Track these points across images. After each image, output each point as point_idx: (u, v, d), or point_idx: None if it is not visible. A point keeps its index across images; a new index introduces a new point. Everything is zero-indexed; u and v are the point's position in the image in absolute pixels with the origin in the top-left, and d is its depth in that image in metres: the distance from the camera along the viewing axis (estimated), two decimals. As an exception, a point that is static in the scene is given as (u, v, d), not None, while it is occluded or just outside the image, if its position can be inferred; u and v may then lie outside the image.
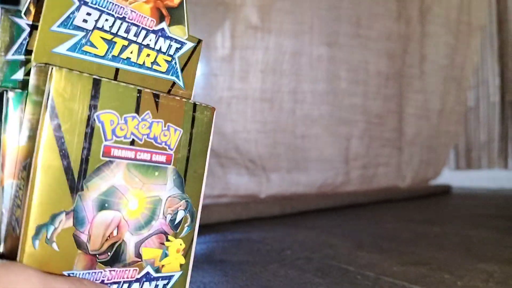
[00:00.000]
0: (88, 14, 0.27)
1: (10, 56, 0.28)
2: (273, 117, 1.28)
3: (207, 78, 1.21)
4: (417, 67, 1.65)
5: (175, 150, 0.30)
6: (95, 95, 0.26)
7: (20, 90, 0.26)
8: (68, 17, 0.26)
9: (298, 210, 1.25)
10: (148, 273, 0.30)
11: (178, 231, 0.31)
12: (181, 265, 0.32)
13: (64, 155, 0.25)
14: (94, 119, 0.26)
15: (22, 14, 0.28)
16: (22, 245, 0.24)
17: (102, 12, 0.27)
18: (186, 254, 0.32)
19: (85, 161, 0.26)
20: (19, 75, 0.28)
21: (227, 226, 1.02)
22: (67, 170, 0.25)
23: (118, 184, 0.27)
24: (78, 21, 0.27)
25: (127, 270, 0.29)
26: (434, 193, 1.87)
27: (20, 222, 0.24)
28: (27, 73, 0.28)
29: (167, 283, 0.31)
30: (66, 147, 0.25)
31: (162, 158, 0.30)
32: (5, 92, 0.26)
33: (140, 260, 0.29)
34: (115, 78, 0.29)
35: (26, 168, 0.25)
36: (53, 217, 0.25)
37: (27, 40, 0.28)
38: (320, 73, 1.34)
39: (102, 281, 0.28)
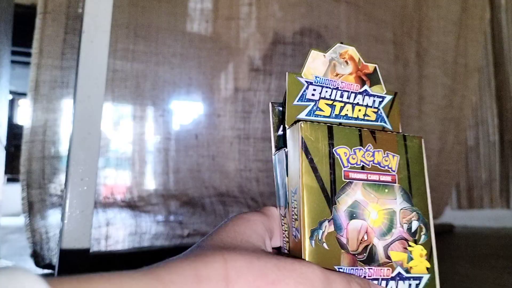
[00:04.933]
0: (314, 90, 0.39)
1: (279, 132, 0.41)
2: (275, 156, 1.30)
3: (211, 118, 1.25)
4: (416, 108, 1.68)
5: (397, 172, 0.38)
6: (330, 137, 0.36)
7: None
8: (302, 94, 0.39)
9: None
10: (399, 273, 0.36)
11: (416, 238, 0.37)
12: (427, 269, 0.37)
13: (318, 179, 0.35)
14: (333, 153, 0.36)
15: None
16: (303, 245, 0.33)
17: (322, 87, 0.39)
18: (429, 259, 0.37)
19: (333, 182, 0.35)
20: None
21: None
22: (323, 189, 0.35)
23: (359, 199, 0.36)
24: (308, 96, 0.39)
25: (381, 269, 0.35)
26: (437, 232, 1.86)
27: (299, 230, 0.34)
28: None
29: (418, 284, 0.37)
30: (319, 173, 0.35)
31: (388, 178, 0.37)
32: (283, 149, 0.37)
33: (390, 261, 0.36)
34: None
35: (296, 192, 0.35)
36: (320, 223, 0.34)
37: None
38: (321, 113, 1.37)
39: (364, 277, 0.34)
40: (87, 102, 0.76)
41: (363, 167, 0.37)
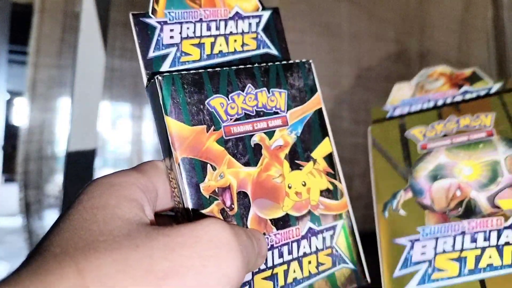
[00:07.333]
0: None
1: (151, 54, 0.29)
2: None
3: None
4: (417, 107, 1.67)
5: (494, 126, 0.34)
6: (403, 125, 0.36)
7: (168, 73, 0.27)
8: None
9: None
10: None
11: None
12: None
13: (388, 159, 0.35)
14: (405, 136, 0.36)
15: (150, 14, 0.30)
16: (376, 219, 0.33)
17: (410, 105, 0.40)
18: None
19: (407, 157, 0.35)
20: (165, 67, 0.29)
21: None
22: (395, 166, 0.35)
23: (443, 162, 0.33)
24: (397, 113, 0.38)
25: (488, 220, 0.31)
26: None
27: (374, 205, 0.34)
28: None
29: None
30: (390, 154, 0.35)
31: (482, 135, 0.34)
32: (156, 78, 0.27)
33: (500, 210, 0.31)
34: None
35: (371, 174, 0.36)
36: (394, 194, 0.33)
37: (161, 36, 0.30)
38: (322, 113, 1.36)
39: (463, 232, 0.30)
40: (85, 101, 0.74)
41: (445, 135, 0.35)
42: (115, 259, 0.18)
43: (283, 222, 0.29)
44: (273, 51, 0.34)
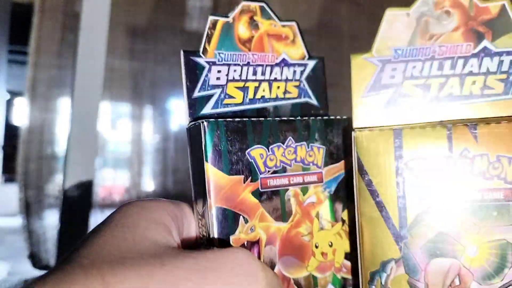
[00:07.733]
0: (394, 69, 0.28)
1: (196, 94, 0.29)
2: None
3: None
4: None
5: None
6: (398, 146, 0.26)
7: (212, 119, 0.27)
8: (375, 80, 0.28)
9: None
10: None
11: None
12: None
13: (380, 207, 0.26)
14: (403, 168, 0.25)
15: (201, 54, 0.30)
16: None
17: (407, 62, 0.28)
18: None
19: (402, 209, 0.25)
20: (208, 108, 0.29)
21: None
22: (387, 220, 0.26)
23: (447, 230, 0.25)
24: (385, 80, 0.28)
25: None
26: None
27: (360, 272, 0.26)
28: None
29: None
30: (381, 199, 0.26)
31: (499, 195, 0.25)
32: (201, 123, 0.27)
33: None
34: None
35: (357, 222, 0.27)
36: (384, 265, 0.26)
37: (209, 77, 0.30)
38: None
39: None
40: (85, 101, 0.74)
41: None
42: (140, 274, 0.19)
43: (305, 283, 0.29)
44: (313, 101, 0.34)
